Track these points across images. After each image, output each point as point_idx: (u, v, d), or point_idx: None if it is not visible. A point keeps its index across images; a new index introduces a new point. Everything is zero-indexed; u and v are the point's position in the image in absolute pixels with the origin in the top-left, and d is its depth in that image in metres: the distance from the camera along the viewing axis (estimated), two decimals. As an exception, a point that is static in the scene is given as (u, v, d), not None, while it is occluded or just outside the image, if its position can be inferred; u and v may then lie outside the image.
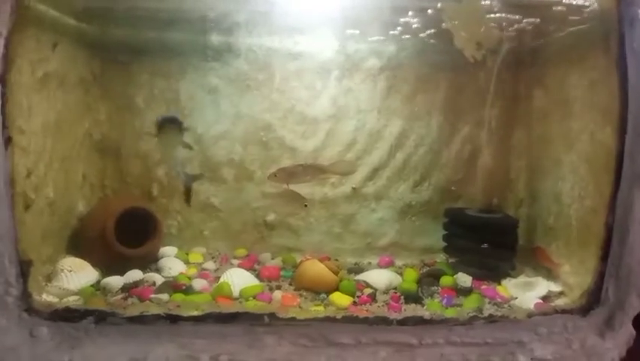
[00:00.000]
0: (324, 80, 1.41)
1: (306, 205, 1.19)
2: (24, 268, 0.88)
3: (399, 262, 1.42)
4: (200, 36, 1.33)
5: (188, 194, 1.21)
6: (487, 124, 1.35)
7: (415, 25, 1.23)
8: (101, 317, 0.88)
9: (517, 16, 1.12)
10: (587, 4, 1.04)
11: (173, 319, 0.90)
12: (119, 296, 1.09)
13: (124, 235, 1.21)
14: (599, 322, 0.98)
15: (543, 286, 1.15)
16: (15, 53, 0.89)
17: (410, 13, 1.16)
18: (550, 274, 1.21)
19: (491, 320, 0.95)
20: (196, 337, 0.89)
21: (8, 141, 0.86)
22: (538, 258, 1.26)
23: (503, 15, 1.10)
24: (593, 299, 0.98)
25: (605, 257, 0.97)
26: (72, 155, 1.27)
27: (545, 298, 1.11)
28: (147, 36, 1.31)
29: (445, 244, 1.39)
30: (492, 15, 1.10)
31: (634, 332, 0.98)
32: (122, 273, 1.16)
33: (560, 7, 1.10)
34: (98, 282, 1.14)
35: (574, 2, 1.05)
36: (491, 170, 1.37)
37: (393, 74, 1.41)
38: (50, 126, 1.13)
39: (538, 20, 1.14)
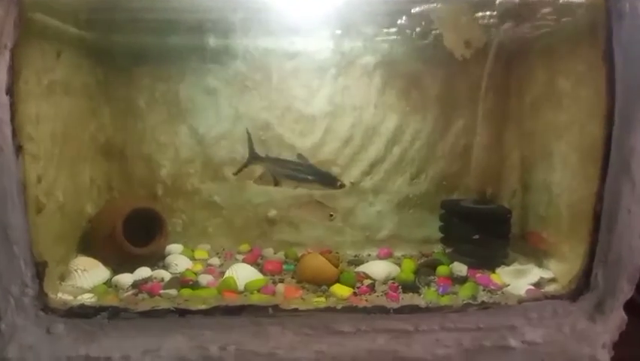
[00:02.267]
0: (321, 79, 1.43)
1: (331, 215, 1.21)
2: (39, 270, 0.92)
3: (397, 254, 1.46)
4: (198, 39, 1.35)
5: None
6: (481, 117, 1.38)
7: (407, 24, 1.25)
8: (115, 313, 0.93)
9: (506, 13, 1.13)
10: (575, -2, 1.05)
11: (183, 312, 0.94)
12: (130, 293, 1.13)
13: (131, 235, 1.25)
14: (589, 307, 1.01)
15: (535, 273, 1.18)
16: (21, 63, 0.91)
17: (403, 11, 1.17)
18: (547, 257, 1.23)
19: (484, 306, 0.98)
20: (205, 329, 0.93)
21: (19, 149, 0.89)
22: (533, 242, 1.30)
23: (493, 12, 1.11)
24: (582, 285, 1.01)
25: (593, 244, 1.00)
26: (79, 159, 1.31)
27: (537, 284, 1.15)
28: (147, 42, 1.34)
29: (441, 234, 1.43)
30: (481, 13, 1.12)
31: (625, 317, 1.01)
32: (131, 271, 1.21)
33: (548, 2, 1.11)
34: (109, 280, 1.18)
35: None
36: (485, 162, 1.40)
37: (388, 71, 1.43)
38: (58, 132, 1.17)
39: (527, 16, 1.16)
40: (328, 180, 1.23)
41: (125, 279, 1.18)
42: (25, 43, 0.96)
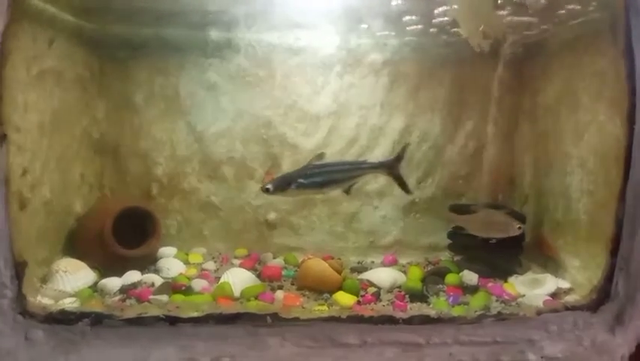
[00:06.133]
0: (326, 76, 1.39)
1: (519, 227, 1.09)
2: (19, 270, 0.85)
3: (403, 261, 1.39)
4: (199, 32, 1.31)
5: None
6: (492, 119, 1.33)
7: (418, 18, 1.21)
8: (98, 320, 0.85)
9: (521, 7, 1.09)
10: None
11: (173, 320, 0.87)
12: (117, 298, 1.06)
13: (122, 235, 1.18)
14: (609, 317, 0.95)
15: (551, 282, 1.12)
16: (10, 48, 0.86)
17: (413, 4, 1.13)
18: (562, 265, 1.18)
19: (500, 318, 0.92)
20: (196, 339, 0.86)
21: (3, 138, 0.83)
22: (545, 249, 1.24)
23: (508, 6, 1.07)
24: (603, 295, 0.95)
25: (615, 251, 0.95)
26: (69, 154, 1.25)
27: (554, 294, 1.09)
28: (146, 32, 1.29)
29: (449, 241, 1.37)
30: (497, 5, 1.08)
31: (643, 327, 0.96)
32: (120, 274, 1.14)
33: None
34: (96, 283, 1.11)
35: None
36: (496, 165, 1.34)
37: (396, 69, 1.39)
38: (47, 124, 1.11)
39: (543, 11, 1.12)
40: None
41: (113, 283, 1.10)
42: (17, 26, 0.91)
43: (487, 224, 1.13)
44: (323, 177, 1.08)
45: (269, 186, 1.06)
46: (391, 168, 1.14)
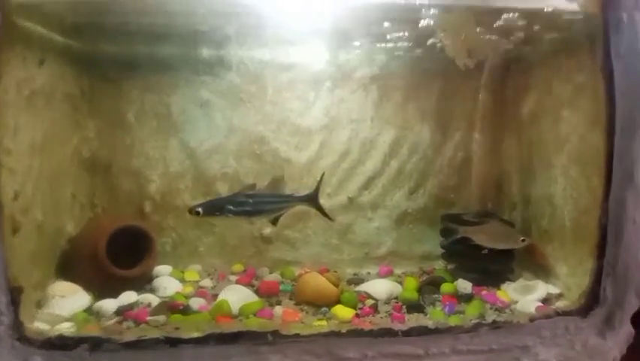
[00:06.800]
0: (317, 91, 1.41)
1: (523, 240, 1.19)
2: (15, 296, 0.84)
3: (398, 271, 1.41)
4: (190, 50, 1.32)
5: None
6: (479, 130, 1.37)
7: (405, 34, 1.24)
8: (96, 344, 0.84)
9: (503, 24, 1.14)
10: (572, 9, 1.07)
11: (173, 342, 0.86)
12: (114, 320, 1.04)
13: (116, 255, 1.16)
14: (599, 322, 0.99)
15: (542, 288, 1.15)
16: (1, 71, 0.86)
17: (401, 22, 1.17)
18: (552, 271, 1.22)
19: (495, 326, 0.95)
20: (198, 360, 0.86)
21: (-5, 163, 0.83)
22: (534, 256, 1.27)
23: (490, 24, 1.12)
24: (592, 299, 0.99)
25: (601, 256, 0.98)
26: (60, 174, 1.23)
27: (545, 300, 1.12)
28: (137, 51, 1.29)
29: (442, 250, 1.39)
30: (479, 24, 1.12)
31: (633, 330, 0.99)
32: (115, 295, 1.12)
33: (545, 13, 1.13)
34: (91, 306, 1.09)
35: (560, 8, 1.07)
36: (484, 175, 1.38)
37: (385, 83, 1.43)
38: (38, 145, 1.09)
39: (524, 27, 1.17)
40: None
41: (108, 305, 1.08)
42: (7, 49, 0.90)
43: (493, 235, 1.20)
44: (251, 206, 1.13)
45: (199, 209, 1.09)
46: (312, 200, 1.23)
